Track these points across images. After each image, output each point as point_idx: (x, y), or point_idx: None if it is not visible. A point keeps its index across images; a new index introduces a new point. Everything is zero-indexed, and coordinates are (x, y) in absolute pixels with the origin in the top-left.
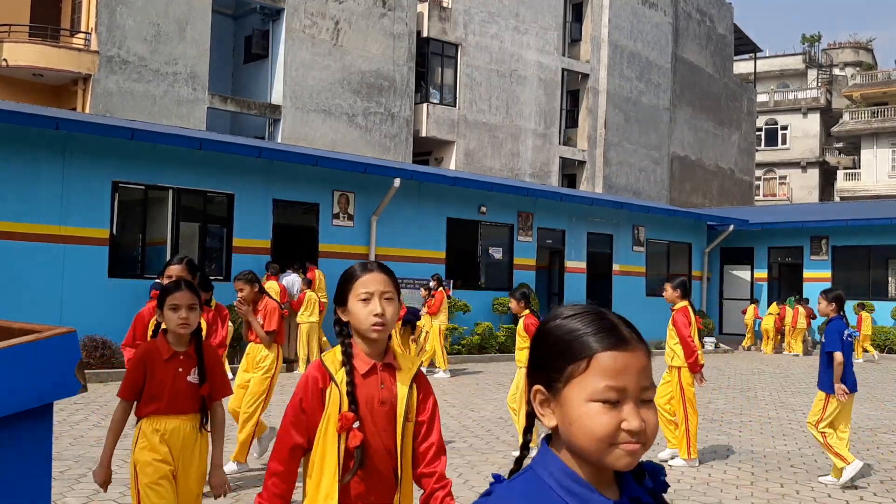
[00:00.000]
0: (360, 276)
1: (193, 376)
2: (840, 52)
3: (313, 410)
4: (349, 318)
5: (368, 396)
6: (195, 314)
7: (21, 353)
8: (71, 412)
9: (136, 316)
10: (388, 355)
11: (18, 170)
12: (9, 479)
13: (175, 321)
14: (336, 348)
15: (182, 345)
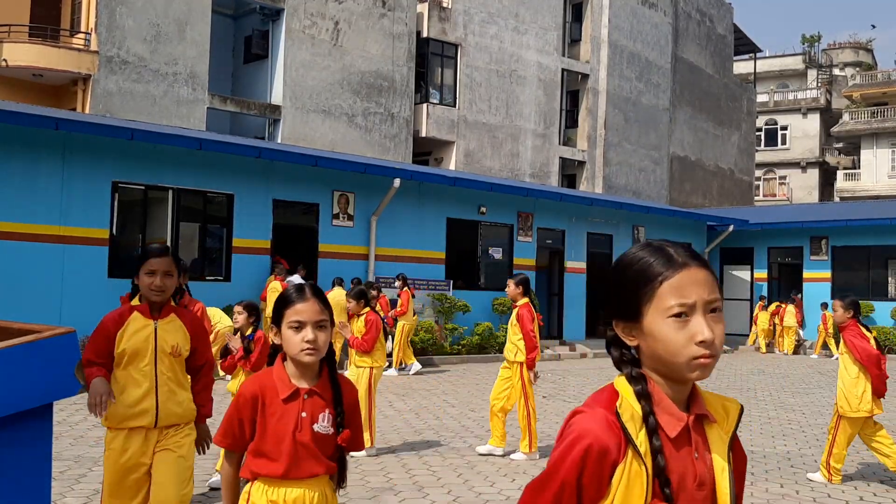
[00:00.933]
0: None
1: (326, 423)
2: (840, 53)
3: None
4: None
5: (681, 474)
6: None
7: (21, 353)
8: (71, 412)
9: (99, 324)
10: (697, 402)
11: (18, 170)
12: (9, 479)
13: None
14: (626, 391)
15: (309, 377)
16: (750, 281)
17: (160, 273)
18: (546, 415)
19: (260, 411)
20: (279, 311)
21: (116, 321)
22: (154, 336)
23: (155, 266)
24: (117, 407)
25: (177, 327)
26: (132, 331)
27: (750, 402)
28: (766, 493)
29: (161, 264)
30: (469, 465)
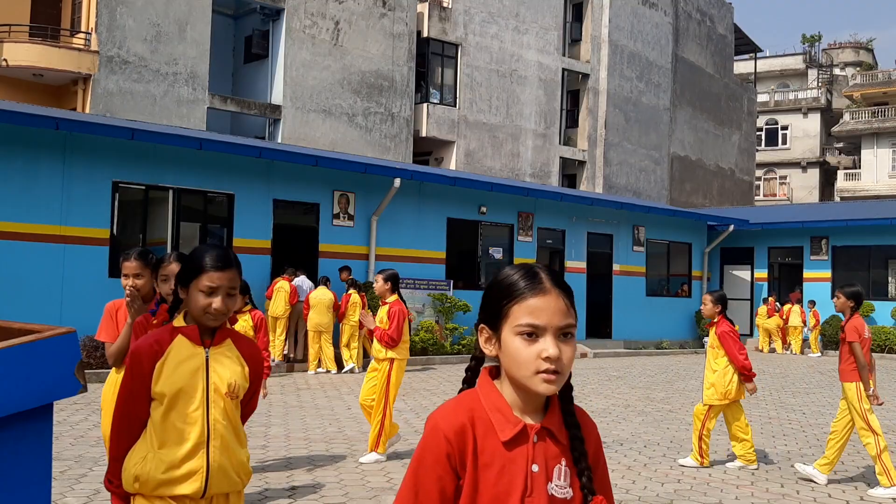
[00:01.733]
0: (208, 271)
1: (564, 484)
2: (840, 52)
3: None
4: None
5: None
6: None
7: (21, 353)
8: (71, 412)
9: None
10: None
11: (18, 170)
12: (9, 479)
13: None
14: None
15: (535, 410)
16: (750, 281)
17: (223, 292)
18: None
19: (469, 465)
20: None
21: (153, 352)
22: (206, 370)
23: (217, 282)
24: (153, 467)
25: (234, 358)
26: (175, 362)
27: (750, 401)
28: (766, 493)
29: (224, 280)
30: None
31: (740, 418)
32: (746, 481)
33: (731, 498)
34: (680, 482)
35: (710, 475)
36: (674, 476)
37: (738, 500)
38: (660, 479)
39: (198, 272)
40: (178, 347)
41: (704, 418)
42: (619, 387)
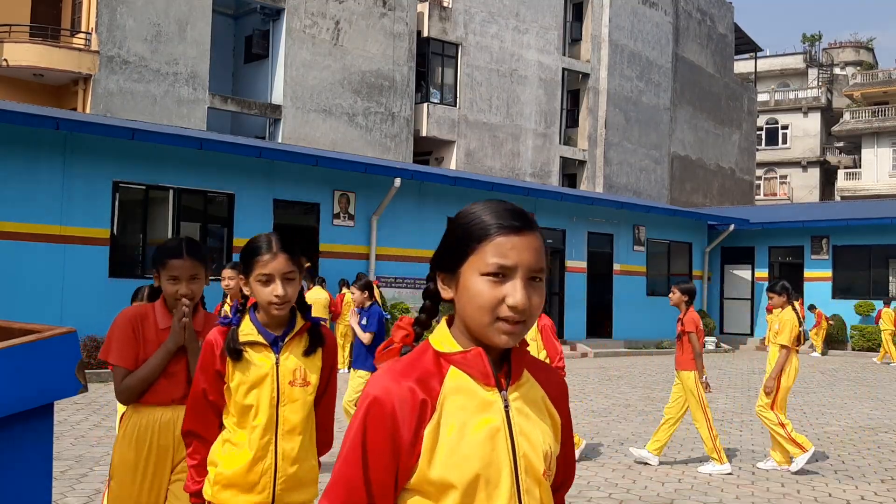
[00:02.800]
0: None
1: None
2: (840, 52)
3: None
4: None
5: None
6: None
7: (21, 353)
8: (72, 412)
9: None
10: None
11: (19, 170)
12: (9, 478)
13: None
14: None
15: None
16: (751, 280)
17: (280, 277)
18: None
19: None
20: None
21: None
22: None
23: (271, 269)
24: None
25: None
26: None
27: (751, 401)
28: (767, 493)
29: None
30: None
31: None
32: (747, 481)
33: (731, 497)
34: (680, 482)
35: (710, 474)
36: (674, 476)
37: (739, 499)
38: (660, 479)
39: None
40: None
41: None
42: (620, 386)
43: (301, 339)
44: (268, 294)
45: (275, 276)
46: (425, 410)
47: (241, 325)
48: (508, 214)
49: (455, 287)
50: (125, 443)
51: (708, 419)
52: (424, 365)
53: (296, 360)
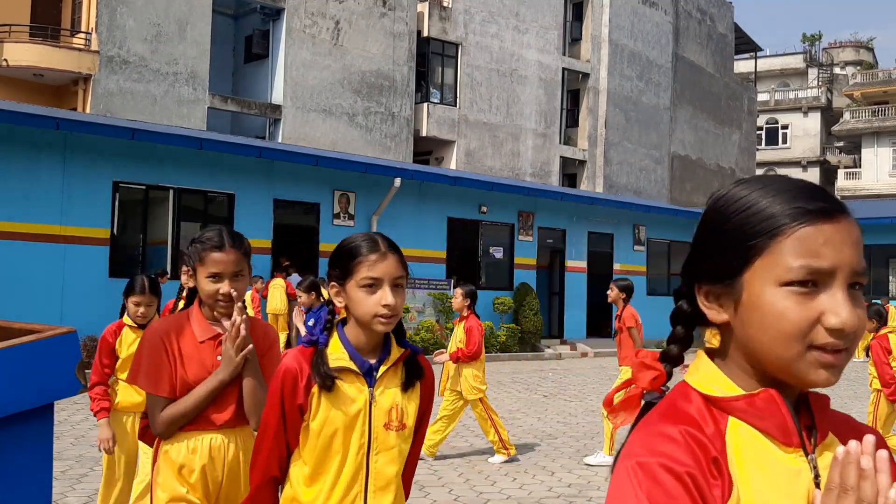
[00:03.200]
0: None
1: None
2: (841, 52)
3: None
4: None
5: None
6: (151, 309)
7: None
8: (72, 412)
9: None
10: None
11: (19, 170)
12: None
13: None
14: None
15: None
16: None
17: (389, 283)
18: (547, 414)
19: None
20: None
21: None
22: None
23: (381, 272)
24: None
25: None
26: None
27: None
28: None
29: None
30: (470, 465)
31: None
32: None
33: None
34: None
35: None
36: None
37: None
38: None
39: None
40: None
41: None
42: None
43: (396, 370)
44: (373, 304)
45: (383, 281)
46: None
47: (328, 345)
48: (810, 193)
49: (733, 305)
50: (169, 473)
51: None
52: (691, 416)
53: (392, 397)
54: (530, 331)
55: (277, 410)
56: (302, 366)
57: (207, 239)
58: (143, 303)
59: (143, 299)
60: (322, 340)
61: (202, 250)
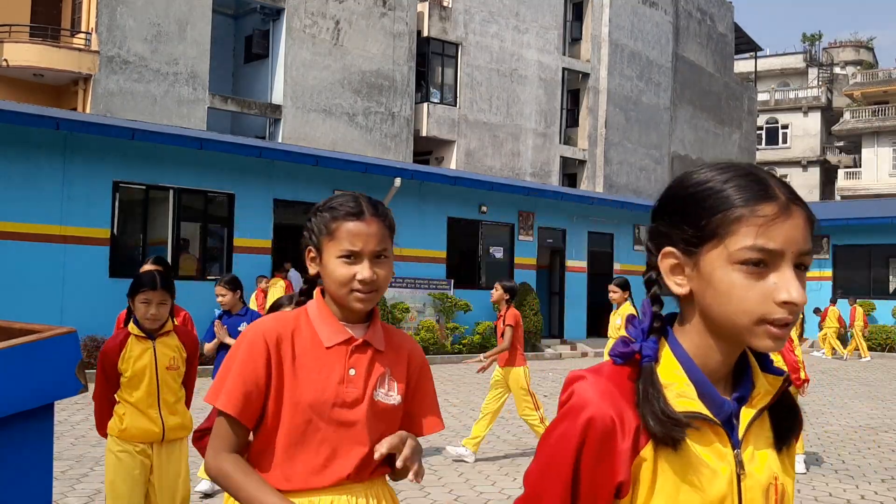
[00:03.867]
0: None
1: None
2: (841, 51)
3: None
4: None
5: None
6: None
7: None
8: (72, 412)
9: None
10: None
11: (19, 170)
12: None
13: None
14: None
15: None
16: None
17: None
18: (548, 413)
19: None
20: None
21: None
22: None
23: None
24: None
25: None
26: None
27: None
28: None
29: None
30: (471, 465)
31: None
32: None
33: None
34: None
35: None
36: None
37: None
38: None
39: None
40: None
41: None
42: None
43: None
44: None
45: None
46: None
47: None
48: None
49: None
50: None
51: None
52: None
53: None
54: (530, 330)
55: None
56: (621, 409)
57: (340, 205)
58: (154, 300)
59: (154, 296)
60: (647, 353)
61: (331, 220)
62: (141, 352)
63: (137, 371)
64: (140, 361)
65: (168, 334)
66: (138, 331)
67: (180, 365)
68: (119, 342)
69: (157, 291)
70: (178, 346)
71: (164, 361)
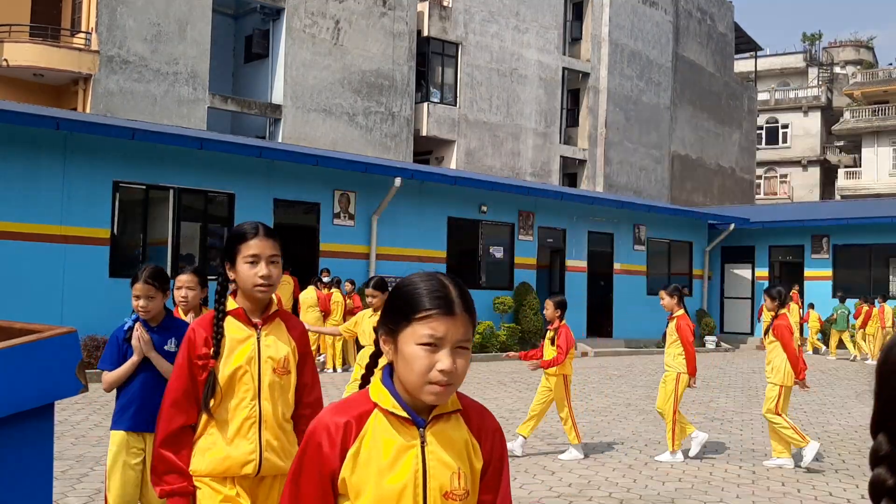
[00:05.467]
0: (248, 240)
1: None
2: (841, 51)
3: None
4: None
5: None
6: None
7: (22, 353)
8: (72, 412)
9: None
10: None
11: (19, 170)
12: (10, 478)
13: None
14: None
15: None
16: (751, 279)
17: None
18: (548, 413)
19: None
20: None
21: None
22: None
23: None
24: None
25: None
26: None
27: (752, 400)
28: (767, 492)
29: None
30: None
31: None
32: (748, 480)
33: (731, 496)
34: (681, 481)
35: (710, 474)
36: (675, 475)
37: (739, 498)
38: (661, 478)
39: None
40: None
41: None
42: (620, 385)
43: None
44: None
45: None
46: None
47: None
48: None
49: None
50: None
51: None
52: None
53: None
54: (530, 330)
55: None
56: None
57: None
58: (142, 294)
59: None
60: None
61: None
62: None
63: None
64: None
65: None
66: None
67: None
68: None
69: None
70: None
71: None
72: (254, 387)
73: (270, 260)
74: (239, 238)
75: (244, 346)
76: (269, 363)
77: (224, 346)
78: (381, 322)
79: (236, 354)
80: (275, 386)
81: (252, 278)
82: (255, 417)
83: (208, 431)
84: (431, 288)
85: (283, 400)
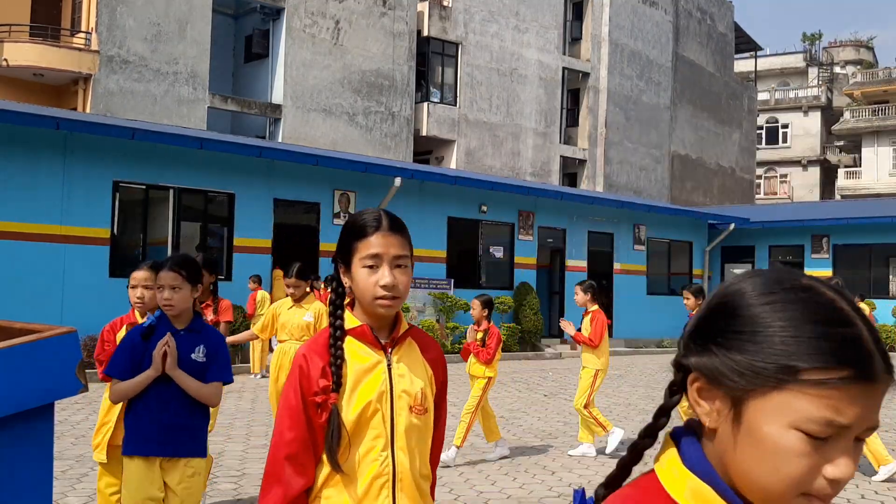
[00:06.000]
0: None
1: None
2: (841, 51)
3: None
4: None
5: None
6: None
7: (22, 353)
8: (72, 412)
9: None
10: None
11: (19, 170)
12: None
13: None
14: None
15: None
16: None
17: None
18: (548, 413)
19: None
20: None
21: None
22: None
23: (161, 280)
24: None
25: None
26: None
27: None
28: None
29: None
30: (471, 464)
31: None
32: None
33: None
34: None
35: None
36: None
37: None
38: None
39: None
40: None
41: None
42: (621, 386)
43: None
44: None
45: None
46: None
47: None
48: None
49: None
50: None
51: None
52: None
53: None
54: (530, 330)
55: None
56: None
57: None
58: (140, 283)
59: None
60: None
61: None
62: None
63: None
64: None
65: None
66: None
67: None
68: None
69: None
70: None
71: None
72: (385, 432)
73: (396, 263)
74: (356, 232)
75: (373, 377)
76: (403, 399)
77: (346, 376)
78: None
79: (363, 387)
80: (412, 430)
81: (371, 288)
82: (389, 474)
83: (324, 495)
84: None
85: (422, 449)
